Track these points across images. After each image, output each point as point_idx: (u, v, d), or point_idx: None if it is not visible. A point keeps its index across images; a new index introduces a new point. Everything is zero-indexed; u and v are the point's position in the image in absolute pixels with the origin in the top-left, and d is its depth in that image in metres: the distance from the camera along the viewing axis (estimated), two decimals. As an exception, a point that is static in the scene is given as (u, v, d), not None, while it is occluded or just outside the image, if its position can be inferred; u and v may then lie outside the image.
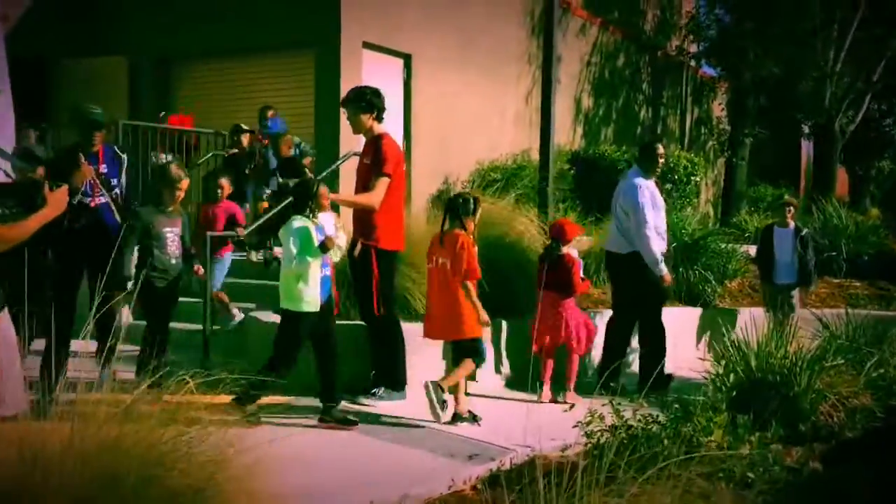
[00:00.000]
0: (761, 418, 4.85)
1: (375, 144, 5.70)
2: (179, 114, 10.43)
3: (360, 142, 6.18)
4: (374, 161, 5.60)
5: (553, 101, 8.41)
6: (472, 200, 5.65)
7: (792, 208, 8.73)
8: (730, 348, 5.97)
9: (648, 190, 6.82)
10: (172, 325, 5.78)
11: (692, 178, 12.83)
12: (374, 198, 5.59)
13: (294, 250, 4.97)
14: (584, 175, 12.32)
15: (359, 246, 5.66)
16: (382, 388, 5.72)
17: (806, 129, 20.57)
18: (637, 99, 17.42)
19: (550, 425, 4.92)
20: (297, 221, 5.07)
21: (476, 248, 5.56)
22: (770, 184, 21.07)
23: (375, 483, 3.97)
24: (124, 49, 11.33)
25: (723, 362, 5.39)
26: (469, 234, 5.53)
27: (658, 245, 6.77)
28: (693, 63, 18.92)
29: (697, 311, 8.78)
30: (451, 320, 5.44)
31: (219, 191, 7.31)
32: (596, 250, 8.86)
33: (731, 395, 4.20)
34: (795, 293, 8.50)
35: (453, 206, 5.62)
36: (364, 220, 5.67)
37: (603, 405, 4.37)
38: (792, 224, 8.58)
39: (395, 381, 5.80)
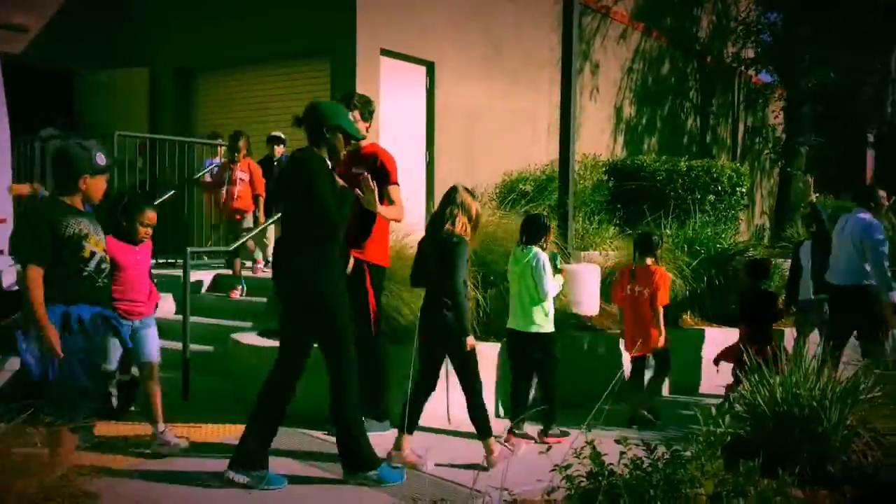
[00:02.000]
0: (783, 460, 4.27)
1: (373, 154, 5.30)
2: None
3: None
4: (380, 171, 5.19)
5: (574, 108, 7.92)
6: (660, 238, 6.90)
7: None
8: (751, 377, 5.37)
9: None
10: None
11: (738, 188, 12.11)
12: (401, 210, 5.28)
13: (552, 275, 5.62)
14: (623, 185, 11.74)
15: (351, 261, 5.22)
16: (364, 419, 5.27)
17: (871, 138, 19.55)
18: (684, 107, 16.71)
19: (542, 463, 4.42)
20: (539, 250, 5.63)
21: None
22: (833, 195, 20.04)
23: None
24: (146, 60, 11.23)
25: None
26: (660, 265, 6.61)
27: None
28: (745, 69, 18.13)
29: (733, 331, 8.11)
30: (646, 337, 6.29)
31: None
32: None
33: (725, 437, 3.62)
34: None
35: (645, 243, 6.49)
36: (360, 234, 5.24)
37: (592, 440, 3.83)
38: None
39: (380, 411, 5.36)
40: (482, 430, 4.84)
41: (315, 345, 4.54)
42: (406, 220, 5.54)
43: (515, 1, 12.01)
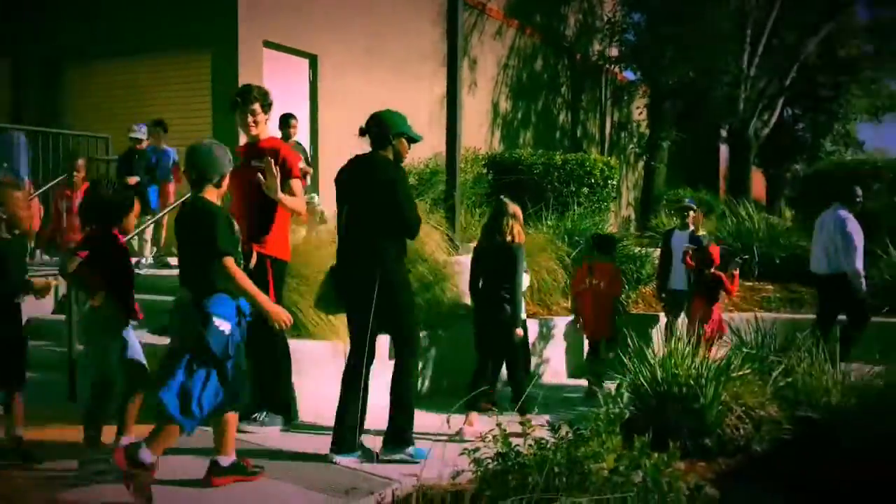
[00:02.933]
0: (665, 435, 4.60)
1: (273, 148, 5.24)
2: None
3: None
4: (281, 165, 5.12)
5: (460, 103, 8.09)
6: (615, 239, 8.23)
7: (691, 212, 8.52)
8: (634, 359, 5.74)
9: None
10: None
11: (609, 181, 12.71)
12: (303, 203, 5.45)
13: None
14: (502, 178, 12.08)
15: (254, 256, 5.17)
16: (265, 413, 5.28)
17: (723, 133, 20.85)
18: (556, 102, 17.32)
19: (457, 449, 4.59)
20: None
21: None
22: (690, 187, 21.28)
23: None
24: (8, 51, 10.61)
25: (617, 378, 5.13)
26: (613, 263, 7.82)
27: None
28: (612, 67, 18.96)
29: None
30: (604, 324, 7.39)
31: None
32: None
33: (624, 415, 3.91)
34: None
35: (603, 243, 7.72)
36: (260, 228, 5.20)
37: (491, 430, 4.03)
38: (691, 227, 8.40)
39: (281, 404, 5.37)
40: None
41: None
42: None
43: (397, -6, 12.13)
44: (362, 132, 4.90)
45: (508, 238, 5.78)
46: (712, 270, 7.45)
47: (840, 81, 22.45)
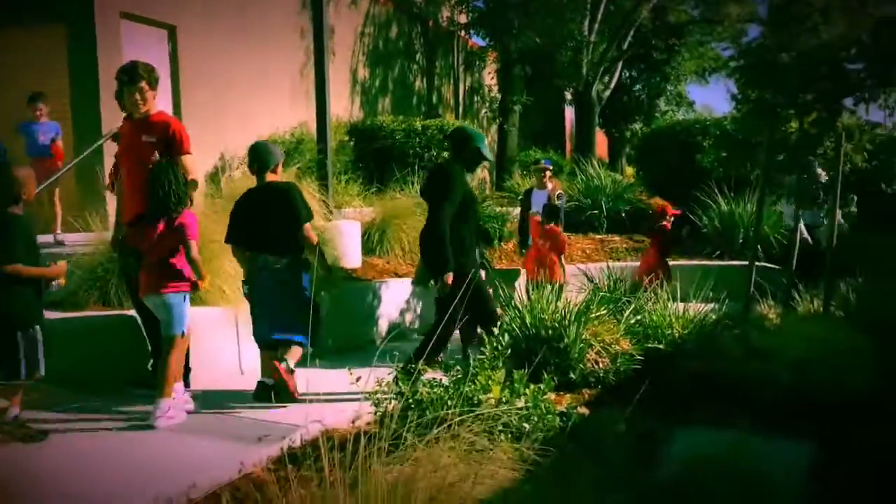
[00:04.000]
0: (537, 371, 5.21)
1: (164, 122, 5.28)
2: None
3: (118, 121, 5.76)
4: (172, 140, 5.19)
5: (327, 72, 8.35)
6: (560, 208, 8.61)
7: (548, 171, 9.21)
8: (507, 308, 6.33)
9: None
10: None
11: (467, 145, 13.28)
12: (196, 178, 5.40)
13: None
14: (365, 146, 12.43)
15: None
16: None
17: (568, 96, 21.93)
18: (412, 69, 17.74)
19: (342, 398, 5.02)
20: None
21: None
22: (540, 148, 22.36)
23: (161, 477, 3.84)
24: None
25: (500, 323, 5.70)
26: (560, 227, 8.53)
27: None
28: (463, 33, 19.54)
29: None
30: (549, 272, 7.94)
31: None
32: (377, 220, 9.03)
33: (506, 353, 4.47)
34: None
35: (551, 211, 8.34)
36: (138, 203, 5.32)
37: (390, 373, 4.50)
38: (549, 186, 9.07)
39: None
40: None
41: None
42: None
43: (255, -37, 12.10)
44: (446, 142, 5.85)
45: None
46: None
47: (671, 45, 24.10)
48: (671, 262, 9.17)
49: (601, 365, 6.05)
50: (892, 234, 9.12)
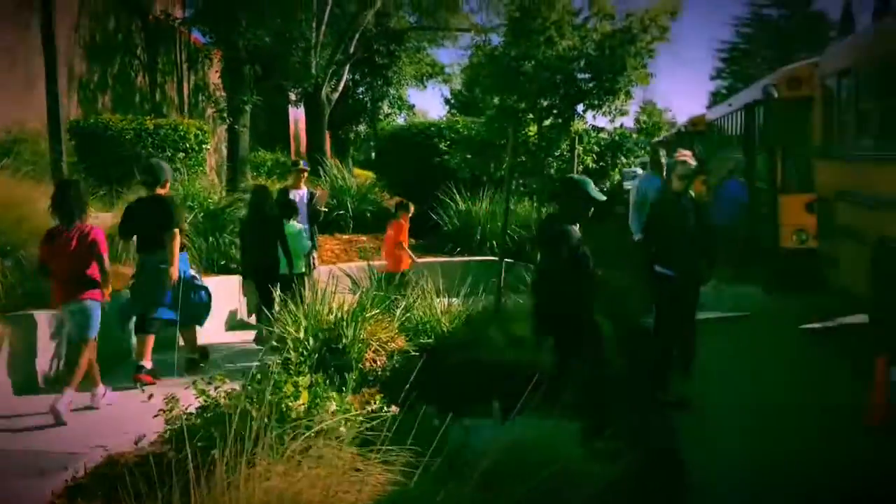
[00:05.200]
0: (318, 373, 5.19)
1: None
2: None
3: None
4: None
5: (58, 67, 7.63)
6: (406, 205, 9.81)
7: (305, 173, 9.28)
8: (282, 311, 6.24)
9: None
10: None
11: (203, 145, 12.77)
12: None
13: None
14: (89, 147, 11.44)
15: None
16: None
17: (293, 97, 21.82)
18: (133, 65, 16.61)
19: (124, 418, 4.64)
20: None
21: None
22: (267, 149, 22.00)
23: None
24: None
25: (303, 326, 5.62)
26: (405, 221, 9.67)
27: None
28: (182, 29, 18.63)
29: (232, 278, 8.91)
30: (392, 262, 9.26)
31: None
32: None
33: (313, 357, 4.42)
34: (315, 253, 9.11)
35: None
36: None
37: (186, 388, 4.26)
38: (304, 188, 9.12)
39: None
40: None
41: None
42: None
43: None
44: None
45: None
46: None
47: (392, 50, 24.90)
48: (421, 261, 9.56)
49: (379, 363, 6.18)
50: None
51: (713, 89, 68.36)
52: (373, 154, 27.63)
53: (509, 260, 10.43)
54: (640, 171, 16.06)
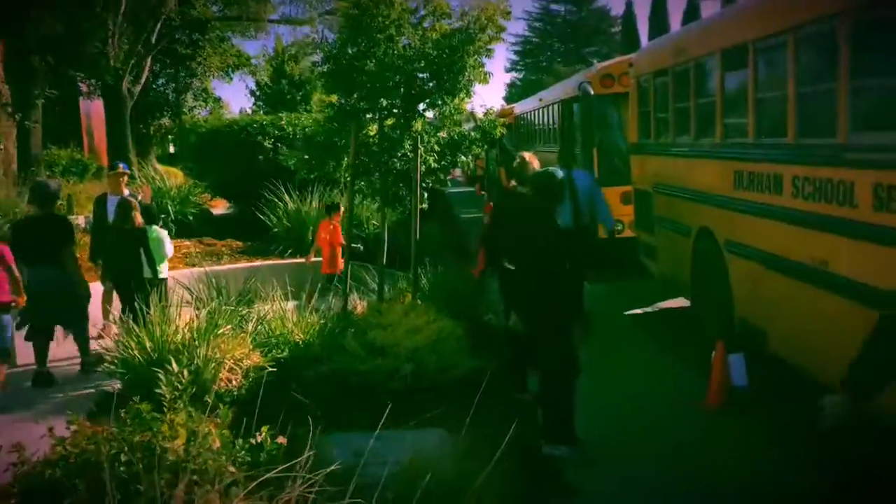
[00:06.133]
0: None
1: None
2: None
3: None
4: None
5: None
6: (336, 206, 10.08)
7: (126, 176, 8.62)
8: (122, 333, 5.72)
9: None
10: None
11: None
12: None
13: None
14: None
15: None
16: None
17: (85, 88, 20.25)
18: None
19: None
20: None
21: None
22: (56, 146, 20.26)
23: None
24: None
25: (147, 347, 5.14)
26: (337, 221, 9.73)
27: None
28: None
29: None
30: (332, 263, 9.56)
31: None
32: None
33: (190, 390, 4.04)
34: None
35: (331, 207, 10.07)
36: None
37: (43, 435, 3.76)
38: (126, 192, 8.48)
39: None
40: None
41: None
42: None
43: None
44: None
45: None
46: None
47: (195, 40, 23.76)
48: (248, 265, 9.18)
49: (235, 383, 5.83)
50: (444, 224, 10.33)
51: (508, 81, 71.48)
52: (171, 148, 26.28)
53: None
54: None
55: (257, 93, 31.84)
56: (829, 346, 5.25)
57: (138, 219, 7.27)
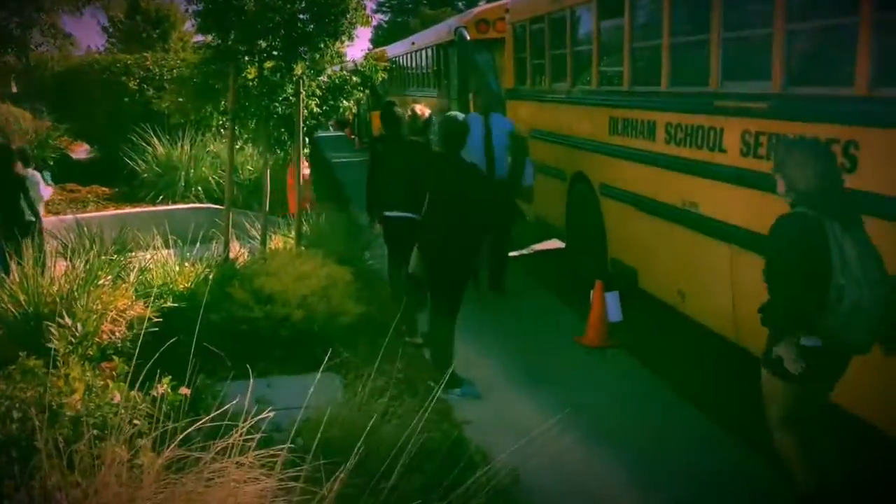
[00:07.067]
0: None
1: None
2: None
3: None
4: None
5: None
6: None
7: None
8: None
9: None
10: None
11: None
12: None
13: None
14: None
15: None
16: None
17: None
18: None
19: None
20: None
21: None
22: None
23: None
24: None
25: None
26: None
27: None
28: None
29: None
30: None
31: None
32: None
33: (90, 344, 3.89)
34: None
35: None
36: None
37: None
38: None
39: None
40: None
41: None
42: None
43: None
44: None
45: None
46: None
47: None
48: (119, 212, 8.83)
49: (118, 335, 5.66)
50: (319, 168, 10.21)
51: (375, 23, 70.29)
52: (13, 87, 24.52)
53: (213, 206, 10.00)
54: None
55: (110, 29, 29.92)
56: (697, 283, 5.65)
57: (18, 166, 6.81)
